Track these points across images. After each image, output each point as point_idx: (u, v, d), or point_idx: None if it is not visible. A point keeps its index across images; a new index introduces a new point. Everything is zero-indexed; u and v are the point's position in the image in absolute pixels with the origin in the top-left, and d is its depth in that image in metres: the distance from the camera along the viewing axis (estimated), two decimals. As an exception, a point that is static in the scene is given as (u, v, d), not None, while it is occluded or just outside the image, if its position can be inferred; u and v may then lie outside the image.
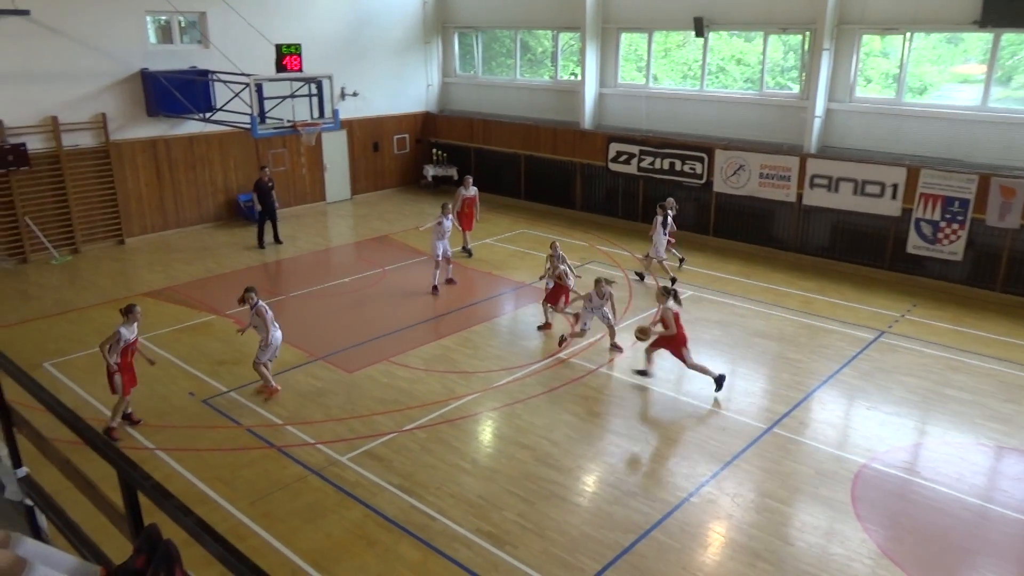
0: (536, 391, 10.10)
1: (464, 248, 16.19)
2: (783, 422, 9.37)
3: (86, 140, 15.87)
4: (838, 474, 8.27)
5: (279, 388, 10.02)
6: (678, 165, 17.29)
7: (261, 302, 9.80)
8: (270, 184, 16.65)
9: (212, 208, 18.24)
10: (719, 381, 10.05)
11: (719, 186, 16.75)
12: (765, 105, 16.51)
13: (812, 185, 15.42)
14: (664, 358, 11.29)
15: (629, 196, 18.41)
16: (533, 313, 13.03)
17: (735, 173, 16.44)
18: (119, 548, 3.68)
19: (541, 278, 13.03)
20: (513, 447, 8.78)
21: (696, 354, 11.41)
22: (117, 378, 8.82)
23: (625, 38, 18.73)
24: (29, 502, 4.05)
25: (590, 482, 8.20)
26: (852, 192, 14.89)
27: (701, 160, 16.92)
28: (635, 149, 17.98)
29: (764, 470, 8.34)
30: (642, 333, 10.26)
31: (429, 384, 10.32)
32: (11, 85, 14.64)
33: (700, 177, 16.99)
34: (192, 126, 17.15)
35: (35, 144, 15.10)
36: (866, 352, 11.42)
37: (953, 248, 13.90)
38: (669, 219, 14.41)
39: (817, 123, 15.57)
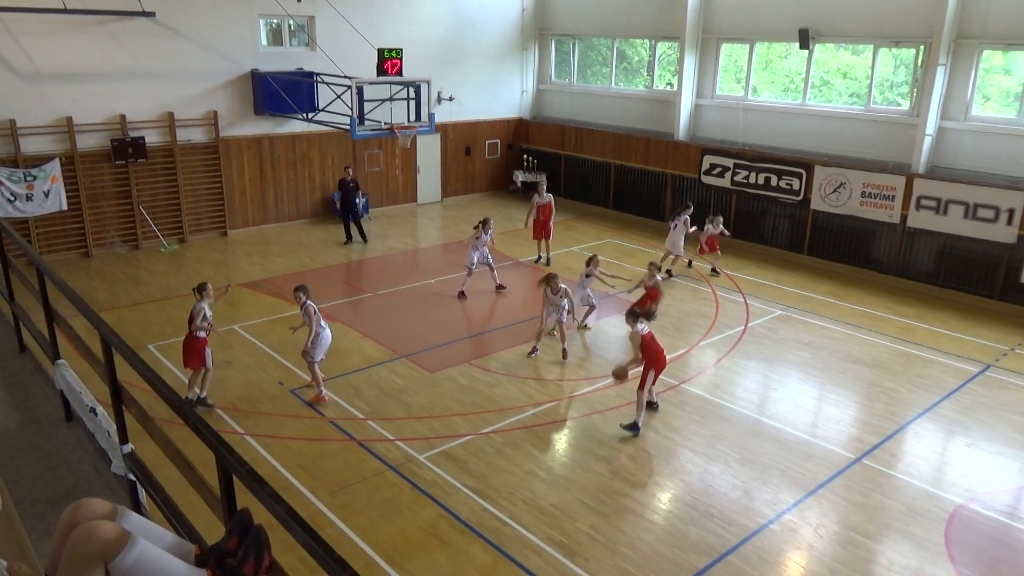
0: (615, 403, 10.02)
1: (539, 258, 16.04)
2: (874, 453, 8.97)
3: (198, 136, 16.79)
4: (931, 512, 7.85)
5: (326, 398, 9.87)
6: (774, 180, 16.81)
7: (310, 302, 9.64)
8: (352, 184, 17.05)
9: (309, 205, 18.95)
10: (633, 427, 9.21)
11: (817, 203, 16.19)
12: (871, 121, 15.86)
13: (918, 206, 14.70)
14: (742, 377, 11.00)
15: (720, 210, 17.99)
16: (616, 323, 12.93)
17: (835, 191, 15.85)
18: (207, 525, 3.89)
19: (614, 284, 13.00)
20: (589, 458, 8.74)
21: (783, 376, 11.11)
22: (208, 351, 9.40)
23: (725, 49, 18.37)
24: (132, 477, 4.32)
25: (665, 499, 8.08)
26: (962, 216, 14.11)
27: (799, 176, 16.39)
28: (729, 162, 17.59)
29: (851, 502, 8.01)
30: (619, 374, 9.36)
31: (508, 389, 10.39)
32: (134, 81, 15.65)
33: (797, 193, 16.47)
34: (295, 125, 17.88)
35: (152, 138, 16.09)
36: (969, 386, 10.79)
37: (1074, 280, 12.97)
38: (685, 218, 15.06)
39: (927, 141, 14.83)
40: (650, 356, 9.20)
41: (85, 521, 2.38)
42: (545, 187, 16.28)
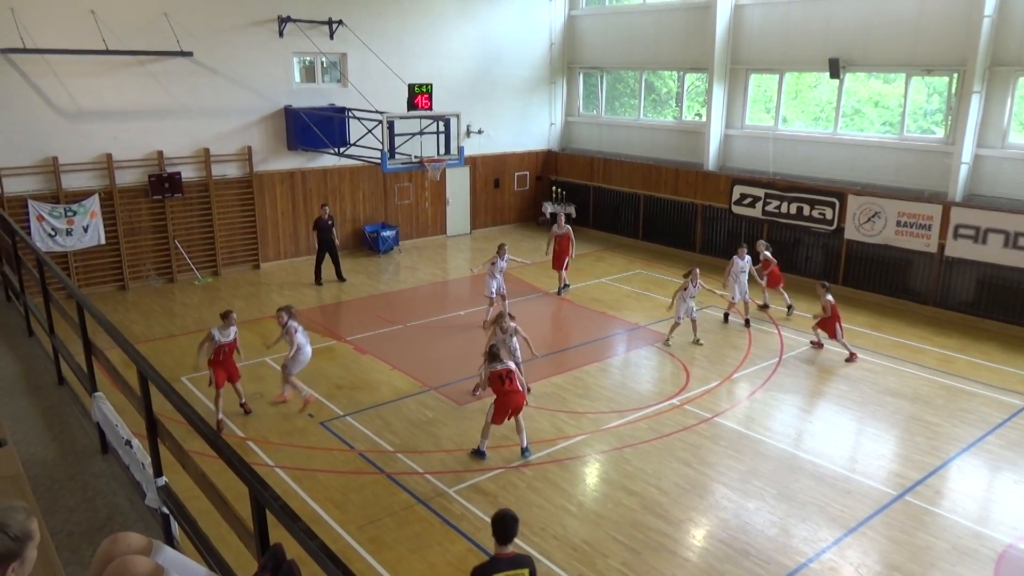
0: (647, 436, 9.89)
1: (562, 288, 16.06)
2: (916, 489, 8.72)
3: (232, 171, 17.16)
4: (979, 552, 7.58)
5: (312, 398, 10.60)
6: (806, 210, 16.67)
7: (292, 322, 10.29)
8: (330, 222, 16.58)
9: (340, 237, 19.11)
10: (477, 452, 9.25)
11: (851, 233, 16.00)
12: (905, 150, 15.70)
13: (956, 235, 14.45)
14: (777, 410, 10.81)
15: (752, 241, 17.83)
16: (647, 355, 12.84)
17: (869, 220, 15.66)
18: (239, 560, 3.90)
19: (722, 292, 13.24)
20: (620, 493, 8.62)
21: (820, 409, 10.90)
22: (210, 372, 9.96)
23: (754, 79, 18.39)
24: (166, 510, 4.35)
25: (700, 536, 7.91)
26: (1002, 244, 13.83)
27: (831, 205, 16.23)
28: (760, 192, 17.50)
29: (893, 541, 7.77)
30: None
31: (538, 422, 10.32)
32: (172, 119, 16.10)
33: (830, 223, 16.30)
34: (327, 159, 18.20)
35: (188, 173, 16.48)
36: (1016, 419, 10.48)
37: (1122, 310, 12.59)
38: (749, 259, 14.35)
39: (964, 170, 14.62)
40: (500, 394, 9.09)
41: (121, 555, 2.40)
42: (563, 218, 16.35)
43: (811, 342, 13.12)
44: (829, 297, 12.56)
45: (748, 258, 14.30)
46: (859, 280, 16.11)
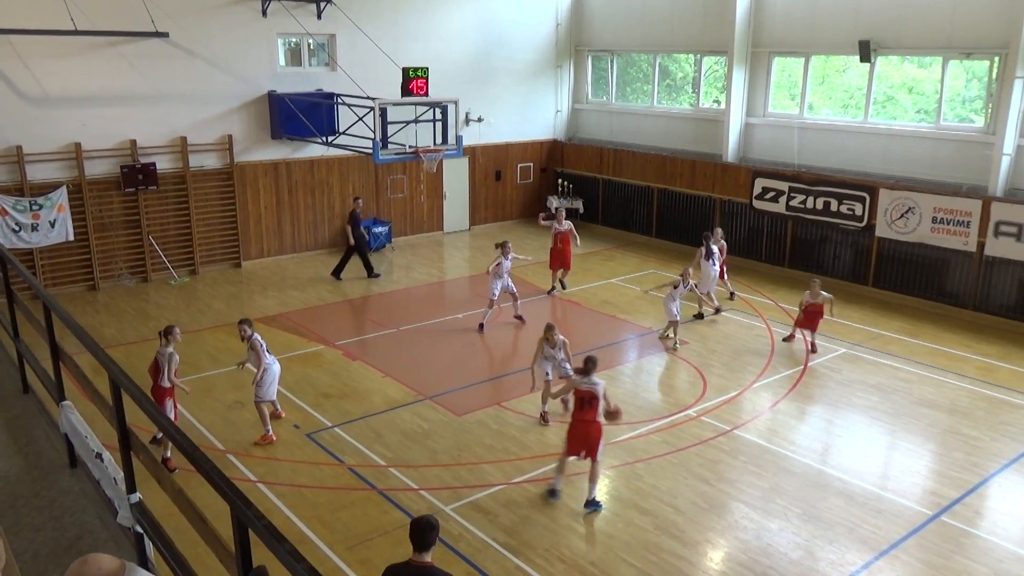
0: (660, 450, 9.89)
1: (553, 288, 16.19)
2: (953, 509, 8.71)
3: (211, 161, 17.19)
4: (1022, 578, 7.58)
5: (274, 438, 9.95)
6: (834, 205, 16.67)
7: (256, 335, 9.91)
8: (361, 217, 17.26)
9: (328, 234, 19.21)
10: (551, 493, 8.77)
11: (882, 230, 15.99)
12: (941, 140, 15.69)
13: (997, 233, 14.43)
14: (802, 422, 10.81)
15: (775, 238, 17.89)
16: (660, 362, 12.84)
17: (902, 216, 15.65)
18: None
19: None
20: (632, 511, 8.61)
21: (849, 421, 10.89)
22: (168, 403, 9.26)
23: (778, 63, 18.39)
24: (139, 529, 4.36)
25: (718, 559, 7.91)
26: (1047, 243, 13.83)
27: (862, 200, 16.23)
28: (784, 186, 17.50)
29: (929, 564, 7.76)
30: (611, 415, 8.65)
31: (542, 434, 10.33)
32: (146, 105, 16.13)
33: (860, 219, 16.29)
34: (314, 150, 18.23)
35: (164, 164, 16.51)
36: (1061, 434, 10.47)
37: None
38: (715, 249, 14.83)
39: (1006, 162, 14.61)
40: (574, 419, 8.73)
41: (92, 578, 2.40)
42: (564, 213, 16.43)
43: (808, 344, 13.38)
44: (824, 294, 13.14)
45: (716, 248, 14.99)
46: (892, 282, 16.10)
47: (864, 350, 13.28)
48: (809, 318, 13.14)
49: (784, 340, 13.55)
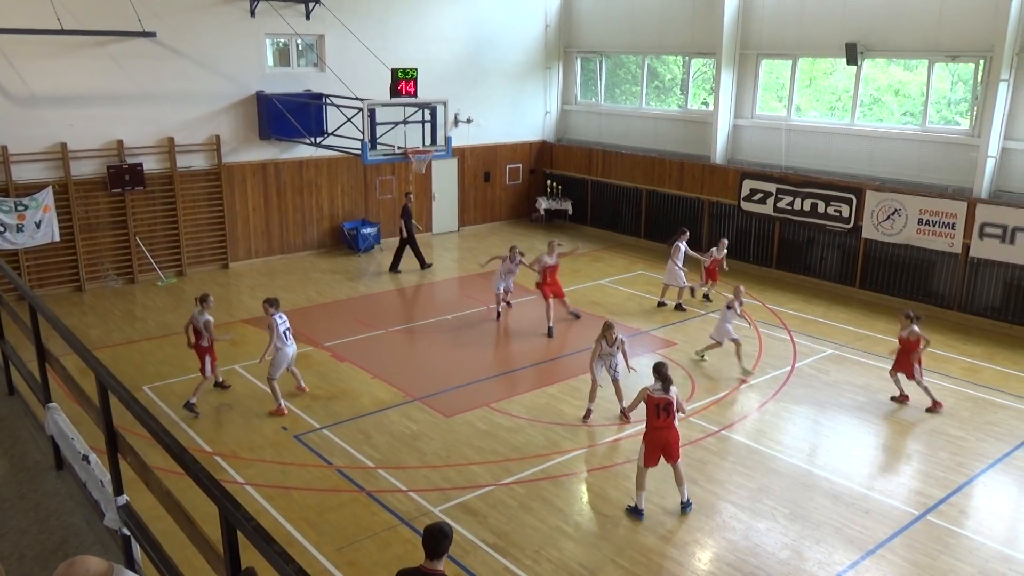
0: (649, 452, 9.90)
1: (571, 313, 14.75)
2: (939, 509, 8.77)
3: (199, 162, 17.11)
4: (1007, 577, 7.64)
5: (285, 411, 10.76)
6: (821, 207, 16.76)
7: (276, 315, 10.66)
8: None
9: (317, 235, 19.16)
10: (634, 511, 8.51)
11: (869, 232, 16.09)
12: (927, 142, 15.81)
13: (982, 235, 14.55)
14: (790, 423, 10.86)
15: (762, 239, 17.97)
16: (649, 363, 12.82)
17: (888, 218, 15.76)
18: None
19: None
20: (621, 512, 8.63)
21: (836, 422, 10.95)
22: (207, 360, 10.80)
23: (765, 65, 18.48)
24: (126, 531, 4.34)
25: (706, 559, 7.94)
26: (1031, 245, 13.96)
27: (848, 202, 16.33)
28: (772, 187, 17.58)
29: (915, 564, 7.81)
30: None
31: (531, 435, 10.34)
32: (133, 105, 16.04)
33: (847, 221, 16.39)
34: (302, 150, 18.18)
35: (151, 164, 16.42)
36: (1045, 434, 10.56)
37: None
38: (683, 248, 15.22)
39: (990, 164, 14.74)
40: (649, 428, 8.56)
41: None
42: (557, 244, 14.58)
43: (893, 397, 11.51)
44: (915, 328, 11.18)
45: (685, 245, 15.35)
46: (878, 283, 16.20)
47: (851, 351, 13.35)
48: (901, 358, 11.33)
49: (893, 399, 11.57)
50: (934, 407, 11.08)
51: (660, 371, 8.54)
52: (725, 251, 15.77)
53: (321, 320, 14.68)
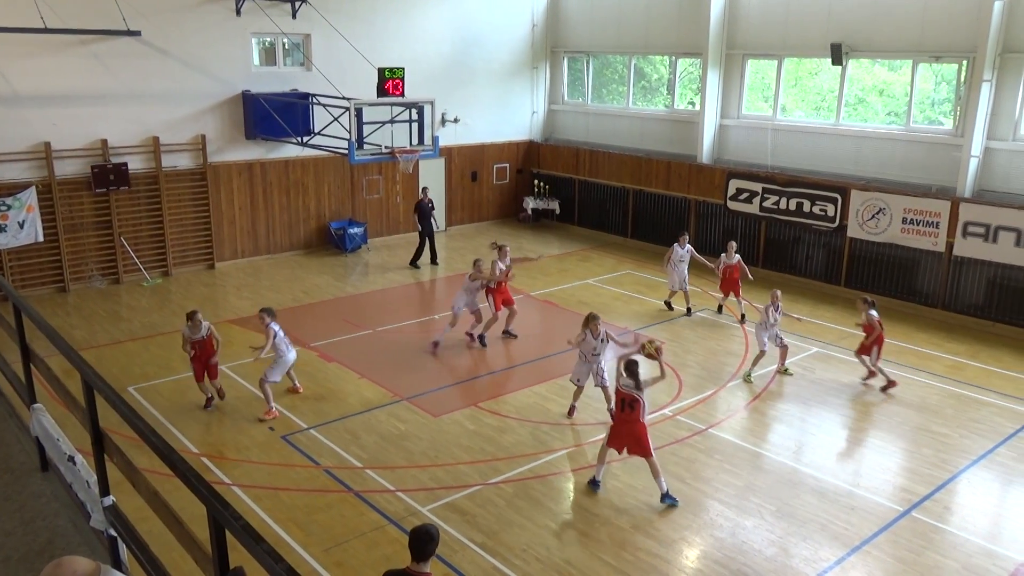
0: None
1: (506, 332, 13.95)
2: (924, 505, 8.85)
3: (184, 161, 17.02)
4: (990, 572, 7.72)
5: (276, 414, 10.69)
6: (807, 206, 16.87)
7: (271, 324, 10.59)
8: (431, 206, 18.06)
9: (303, 235, 19.10)
10: (592, 483, 9.00)
11: (854, 231, 16.21)
12: (911, 142, 15.94)
13: (965, 234, 14.69)
14: (776, 421, 10.93)
15: (748, 238, 18.05)
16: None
17: (873, 217, 15.88)
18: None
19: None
20: (608, 511, 8.66)
21: (822, 420, 11.03)
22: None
23: (751, 65, 18.57)
24: (113, 532, 4.32)
25: (693, 557, 7.98)
26: (1014, 243, 14.08)
27: (834, 201, 16.44)
28: (758, 187, 17.67)
29: (900, 560, 7.88)
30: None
31: (519, 434, 10.35)
32: (118, 105, 15.93)
33: (832, 220, 16.50)
34: (289, 150, 18.11)
35: (135, 164, 16.32)
36: (1028, 430, 10.68)
37: None
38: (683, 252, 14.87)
39: (973, 163, 14.88)
40: (617, 420, 8.97)
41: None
42: (508, 250, 13.69)
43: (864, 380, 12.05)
44: (873, 313, 11.80)
45: (689, 247, 14.96)
46: (862, 281, 16.32)
47: (836, 349, 13.45)
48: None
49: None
50: (888, 386, 11.72)
51: (631, 369, 8.81)
52: (738, 256, 14.58)
53: (308, 320, 14.63)
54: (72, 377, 4.73)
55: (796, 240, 17.35)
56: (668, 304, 15.35)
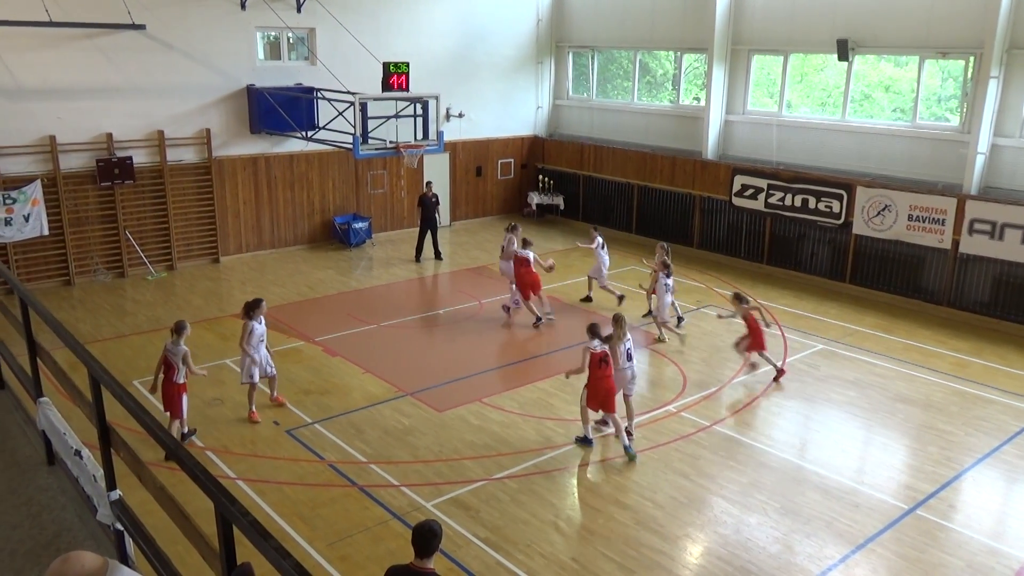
0: (640, 446, 9.94)
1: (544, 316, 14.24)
2: (928, 503, 8.84)
3: (189, 156, 17.03)
4: (995, 570, 7.70)
5: (258, 419, 10.40)
6: (812, 202, 16.82)
7: (249, 321, 10.16)
8: (434, 200, 18.09)
9: (308, 229, 19.10)
10: (584, 440, 9.90)
11: (859, 228, 16.16)
12: (917, 138, 15.88)
13: (971, 231, 14.64)
14: (781, 418, 10.92)
15: (754, 235, 18.02)
16: (640, 359, 12.88)
17: (879, 214, 15.83)
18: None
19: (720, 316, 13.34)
20: (612, 507, 8.66)
21: (826, 416, 11.02)
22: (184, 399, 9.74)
23: (757, 61, 18.51)
24: (119, 526, 4.33)
25: (697, 553, 7.98)
26: (1020, 241, 14.02)
27: (839, 198, 16.39)
28: (763, 183, 17.63)
29: (904, 558, 7.87)
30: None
31: (523, 430, 10.35)
32: (122, 98, 15.93)
33: (837, 217, 16.46)
34: (293, 144, 18.11)
35: (140, 158, 16.32)
36: (1033, 428, 10.65)
37: None
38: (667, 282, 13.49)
39: (980, 160, 14.82)
40: (592, 377, 9.61)
41: (74, 576, 2.39)
42: (518, 241, 14.26)
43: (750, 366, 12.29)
44: (744, 305, 12.05)
45: (599, 239, 15.35)
46: (868, 278, 16.28)
47: (840, 346, 13.42)
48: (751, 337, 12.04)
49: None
50: (779, 375, 11.94)
51: (595, 331, 9.71)
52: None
53: (313, 315, 14.65)
54: (78, 371, 4.74)
55: (801, 237, 17.30)
56: (588, 297, 15.63)
